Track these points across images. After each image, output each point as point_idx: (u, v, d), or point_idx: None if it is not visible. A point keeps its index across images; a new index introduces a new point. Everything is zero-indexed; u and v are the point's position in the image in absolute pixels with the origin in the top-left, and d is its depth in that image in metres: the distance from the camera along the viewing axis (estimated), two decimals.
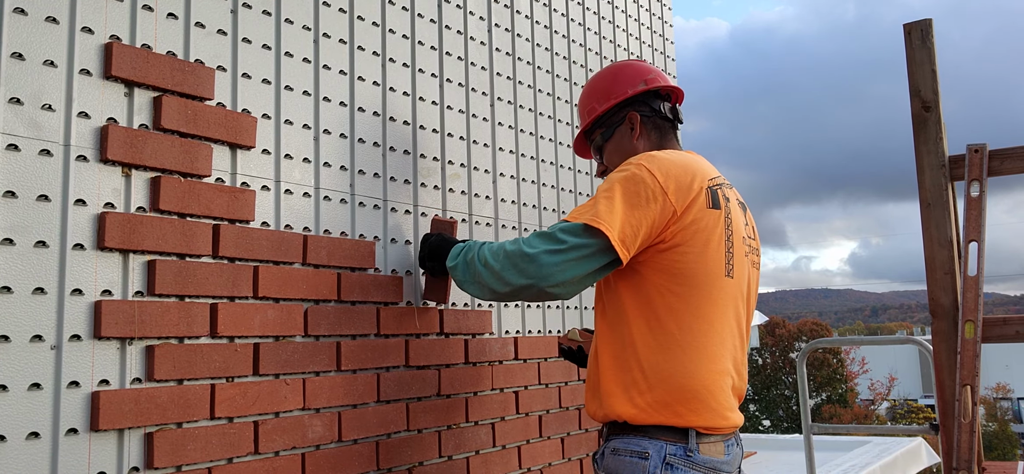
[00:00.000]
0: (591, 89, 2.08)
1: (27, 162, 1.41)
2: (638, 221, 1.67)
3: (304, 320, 1.85)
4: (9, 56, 1.40)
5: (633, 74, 2.01)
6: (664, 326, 1.69)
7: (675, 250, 1.69)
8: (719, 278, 1.73)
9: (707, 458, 1.67)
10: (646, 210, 1.67)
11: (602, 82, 2.05)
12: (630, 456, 1.68)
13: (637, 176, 1.70)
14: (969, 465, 2.62)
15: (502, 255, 1.75)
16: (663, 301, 1.70)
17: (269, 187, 1.84)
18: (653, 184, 1.69)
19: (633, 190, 1.69)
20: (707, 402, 1.67)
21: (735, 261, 1.78)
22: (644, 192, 1.68)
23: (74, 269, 1.44)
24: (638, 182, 1.69)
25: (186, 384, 1.59)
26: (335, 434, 1.87)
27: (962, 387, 2.68)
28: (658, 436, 1.67)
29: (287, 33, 1.93)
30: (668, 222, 1.69)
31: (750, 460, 6.30)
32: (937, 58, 2.93)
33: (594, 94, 2.06)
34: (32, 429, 1.37)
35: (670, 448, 1.65)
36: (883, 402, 35.59)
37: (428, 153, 2.32)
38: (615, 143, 2.00)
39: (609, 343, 1.78)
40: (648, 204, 1.67)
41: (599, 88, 2.05)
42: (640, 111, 1.97)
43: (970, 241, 2.78)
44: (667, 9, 3.91)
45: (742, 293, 1.81)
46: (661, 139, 1.97)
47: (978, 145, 2.87)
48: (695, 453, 1.66)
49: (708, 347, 1.70)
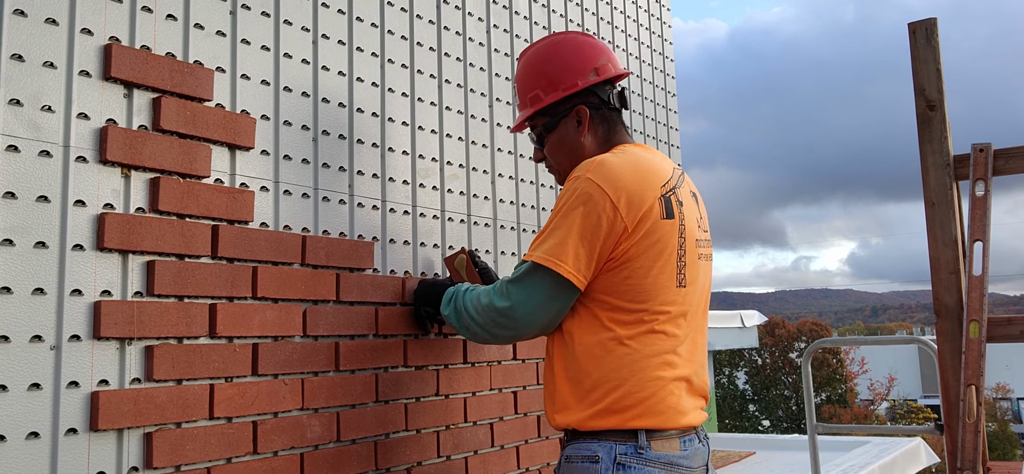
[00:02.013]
0: (535, 71, 1.90)
1: (27, 163, 1.41)
2: (590, 245, 1.65)
3: (303, 320, 1.85)
4: (9, 57, 1.40)
5: (582, 59, 1.87)
6: (614, 338, 1.67)
7: (625, 266, 1.66)
8: (670, 290, 1.69)
9: (660, 454, 1.64)
10: (597, 231, 1.64)
11: (548, 65, 1.88)
12: (581, 462, 1.66)
13: (587, 194, 1.65)
14: (974, 465, 2.62)
15: (483, 310, 1.78)
16: (612, 316, 1.67)
17: (268, 188, 1.84)
18: (603, 201, 1.64)
19: (584, 212, 1.65)
20: (656, 408, 1.65)
21: (688, 269, 1.74)
22: (595, 212, 1.64)
23: (74, 270, 1.45)
24: (588, 201, 1.65)
25: (185, 384, 1.60)
26: (334, 434, 1.88)
27: (967, 387, 2.68)
28: (607, 438, 1.65)
29: (286, 34, 1.94)
30: (619, 239, 1.65)
31: (750, 460, 6.30)
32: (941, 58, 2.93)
33: (538, 78, 1.89)
34: (32, 429, 1.37)
35: (620, 448, 1.63)
36: (883, 402, 35.58)
37: (426, 154, 2.33)
38: (559, 136, 1.88)
39: (561, 353, 1.75)
40: (599, 224, 1.64)
41: (544, 73, 1.88)
42: (588, 103, 1.86)
43: (975, 241, 2.78)
44: (665, 9, 3.91)
45: (696, 297, 1.77)
46: (609, 132, 1.87)
47: (983, 144, 2.87)
48: (647, 450, 1.63)
49: (658, 356, 1.67)
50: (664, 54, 3.81)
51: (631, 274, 1.66)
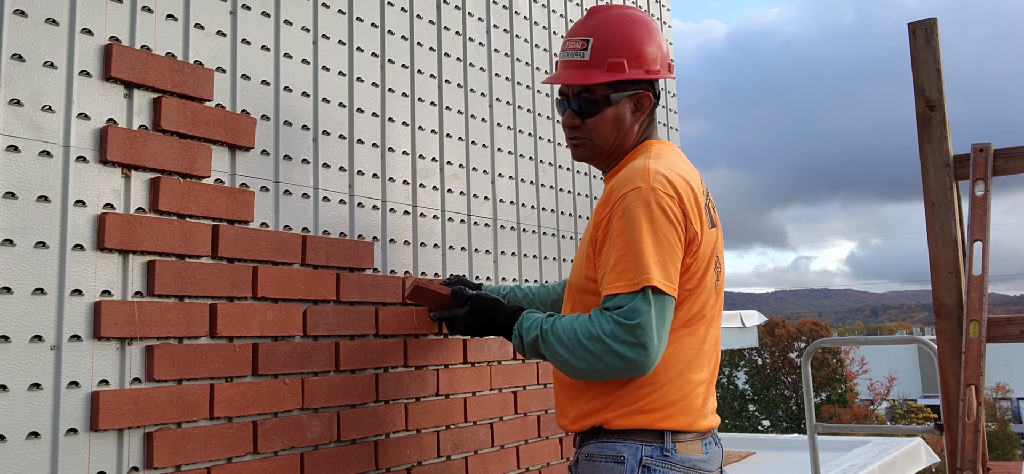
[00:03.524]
0: (624, 37, 1.77)
1: (27, 163, 1.41)
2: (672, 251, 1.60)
3: (303, 320, 1.85)
4: (9, 58, 1.41)
5: (664, 50, 1.83)
6: None
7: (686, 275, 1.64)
8: (711, 295, 1.72)
9: (685, 457, 1.64)
10: (674, 239, 1.61)
11: (638, 39, 1.78)
12: (605, 461, 1.63)
13: (658, 205, 1.60)
14: (974, 465, 2.62)
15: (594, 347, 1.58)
16: None
17: (268, 188, 1.85)
18: (673, 210, 1.61)
19: (660, 221, 1.59)
20: (686, 410, 1.65)
21: (721, 276, 1.77)
22: (669, 221, 1.60)
23: (74, 270, 1.45)
24: (660, 211, 1.60)
25: (185, 384, 1.60)
26: (334, 434, 1.88)
27: (966, 387, 2.68)
28: (632, 438, 1.63)
29: (286, 34, 1.94)
30: (689, 246, 1.64)
31: (750, 460, 6.30)
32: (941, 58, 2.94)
33: (626, 46, 1.76)
34: (32, 429, 1.37)
35: (646, 450, 1.61)
36: (883, 402, 35.58)
37: (427, 154, 2.33)
38: (616, 113, 1.78)
39: None
40: (676, 233, 1.61)
41: (634, 45, 1.77)
42: (654, 93, 1.83)
43: (975, 241, 2.78)
44: (666, 9, 3.91)
45: (720, 300, 1.80)
46: (649, 126, 1.85)
47: (983, 144, 2.87)
48: (673, 453, 1.62)
49: (694, 359, 1.68)
50: None
51: (687, 282, 1.65)
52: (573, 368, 1.63)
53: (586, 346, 1.59)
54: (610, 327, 1.56)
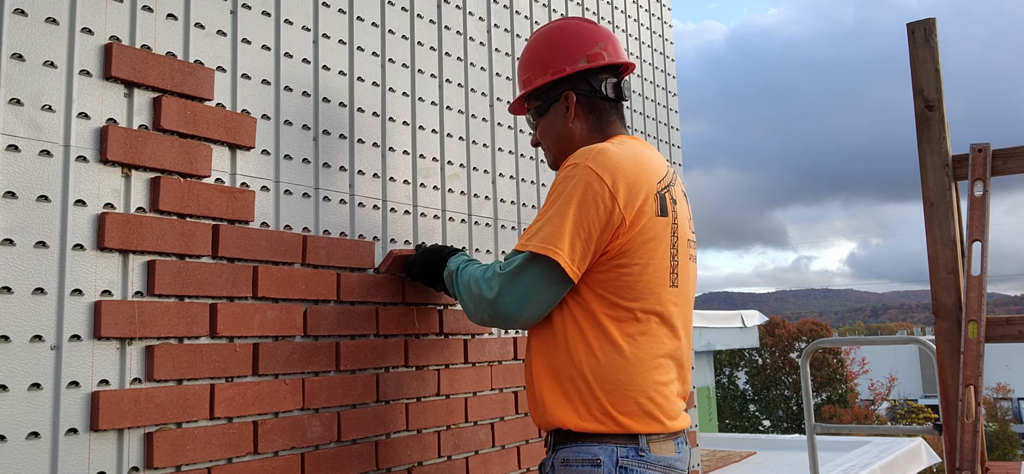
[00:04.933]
0: (531, 54, 1.91)
1: (27, 163, 1.41)
2: (588, 235, 1.61)
3: (303, 320, 1.85)
4: (9, 57, 1.40)
5: (576, 46, 1.84)
6: (607, 337, 1.64)
7: (619, 261, 1.63)
8: (664, 289, 1.68)
9: (660, 456, 1.64)
10: (595, 220, 1.61)
11: (543, 48, 1.88)
12: (581, 466, 1.63)
13: (586, 182, 1.62)
14: (972, 465, 2.62)
15: (474, 297, 1.74)
16: (608, 312, 1.65)
17: (269, 187, 1.84)
18: (602, 190, 1.61)
19: (581, 200, 1.61)
20: (650, 411, 1.64)
21: (680, 269, 1.72)
22: (593, 200, 1.61)
23: (74, 269, 1.45)
24: (587, 189, 1.61)
25: (186, 384, 1.59)
26: (334, 434, 1.88)
27: (965, 387, 2.68)
28: (607, 441, 1.62)
29: (287, 34, 1.93)
30: (616, 231, 1.62)
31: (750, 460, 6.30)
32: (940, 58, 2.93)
33: (532, 60, 1.90)
34: (32, 429, 1.37)
35: (621, 451, 1.61)
36: (883, 402, 35.58)
37: (427, 153, 2.32)
38: (549, 121, 1.87)
39: (546, 348, 1.72)
40: (598, 213, 1.61)
41: (539, 56, 1.88)
42: (578, 90, 1.83)
43: (974, 241, 2.78)
44: (666, 9, 3.91)
45: (686, 298, 1.76)
46: (601, 122, 1.84)
47: (982, 144, 2.87)
48: (647, 452, 1.62)
49: (652, 359, 1.66)
50: (665, 54, 3.81)
51: (626, 271, 1.64)
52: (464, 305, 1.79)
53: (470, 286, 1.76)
54: (491, 273, 1.72)
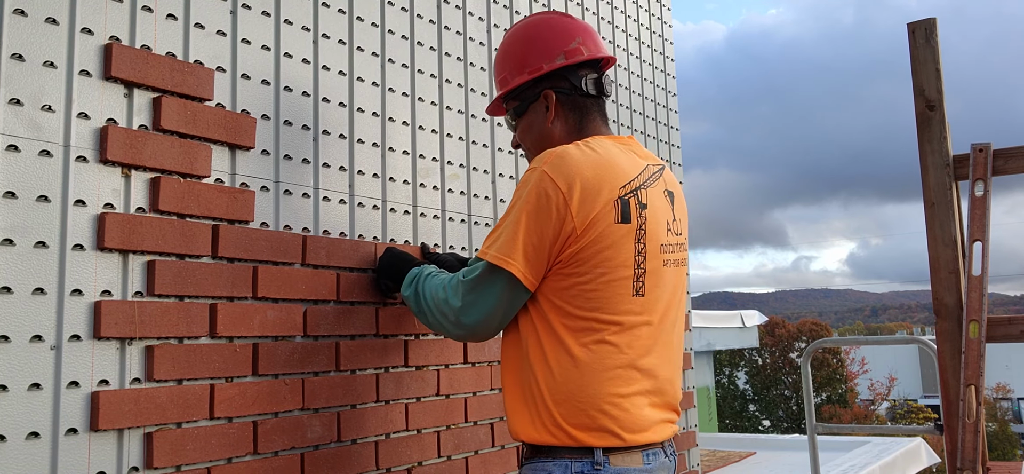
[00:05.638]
0: (506, 52, 1.84)
1: (27, 163, 1.41)
2: (539, 241, 1.56)
3: (303, 320, 1.85)
4: (9, 57, 1.40)
5: (553, 42, 1.77)
6: (563, 347, 1.58)
7: (572, 269, 1.57)
8: (624, 300, 1.58)
9: (620, 469, 1.56)
10: (547, 229, 1.56)
11: (518, 46, 1.81)
12: None
13: (541, 189, 1.56)
14: (973, 465, 2.62)
15: (439, 307, 1.71)
16: (563, 322, 1.58)
17: (269, 187, 1.84)
18: (556, 196, 1.55)
19: (534, 206, 1.56)
20: (604, 425, 1.55)
21: (648, 278, 1.61)
22: (545, 206, 1.55)
23: (74, 269, 1.45)
24: (542, 196, 1.56)
25: (185, 384, 1.59)
26: (334, 434, 1.88)
27: (966, 387, 2.68)
28: (561, 455, 1.57)
29: (286, 34, 1.93)
30: (567, 240, 1.55)
31: (750, 460, 6.30)
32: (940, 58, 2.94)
33: (507, 60, 1.82)
34: (32, 429, 1.37)
35: (575, 466, 1.55)
36: (883, 402, 35.58)
37: (427, 153, 2.32)
38: (528, 121, 1.81)
39: (512, 362, 1.69)
40: (548, 222, 1.55)
41: (513, 54, 1.81)
42: (557, 88, 1.76)
43: (974, 241, 2.78)
44: (666, 9, 3.91)
45: (661, 305, 1.65)
46: (582, 120, 1.77)
47: (982, 144, 2.87)
48: (604, 465, 1.55)
49: (608, 370, 1.57)
50: (664, 54, 3.81)
51: (579, 280, 1.57)
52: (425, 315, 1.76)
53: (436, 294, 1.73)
54: (455, 281, 1.70)
